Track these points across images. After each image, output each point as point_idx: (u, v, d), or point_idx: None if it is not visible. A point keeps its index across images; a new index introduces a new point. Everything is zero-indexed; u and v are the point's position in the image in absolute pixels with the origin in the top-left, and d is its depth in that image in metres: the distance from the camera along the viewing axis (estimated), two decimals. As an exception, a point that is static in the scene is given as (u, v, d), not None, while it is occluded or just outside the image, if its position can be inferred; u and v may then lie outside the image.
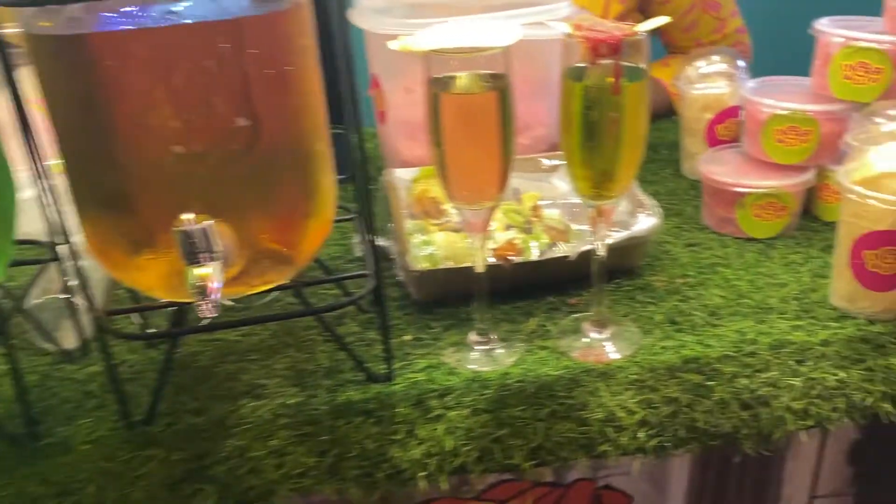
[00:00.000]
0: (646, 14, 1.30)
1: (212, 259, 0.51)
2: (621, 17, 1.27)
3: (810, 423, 0.63)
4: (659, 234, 0.88)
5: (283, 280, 0.62)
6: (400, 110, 0.92)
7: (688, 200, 0.96)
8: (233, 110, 0.52)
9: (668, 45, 1.35)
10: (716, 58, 0.97)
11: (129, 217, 0.54)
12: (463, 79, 0.59)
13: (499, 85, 0.59)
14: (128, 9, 0.50)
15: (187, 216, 0.49)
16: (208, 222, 0.50)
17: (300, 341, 0.73)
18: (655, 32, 1.35)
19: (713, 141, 0.96)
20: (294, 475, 0.59)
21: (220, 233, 0.52)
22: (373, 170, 1.09)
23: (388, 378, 0.66)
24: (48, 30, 0.51)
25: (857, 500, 0.71)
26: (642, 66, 0.60)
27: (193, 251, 0.50)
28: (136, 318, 0.75)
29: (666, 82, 1.22)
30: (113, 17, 0.50)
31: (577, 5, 1.24)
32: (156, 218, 0.53)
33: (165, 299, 0.61)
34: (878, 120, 0.76)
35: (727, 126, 0.95)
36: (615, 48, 0.57)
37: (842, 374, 0.64)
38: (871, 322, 0.70)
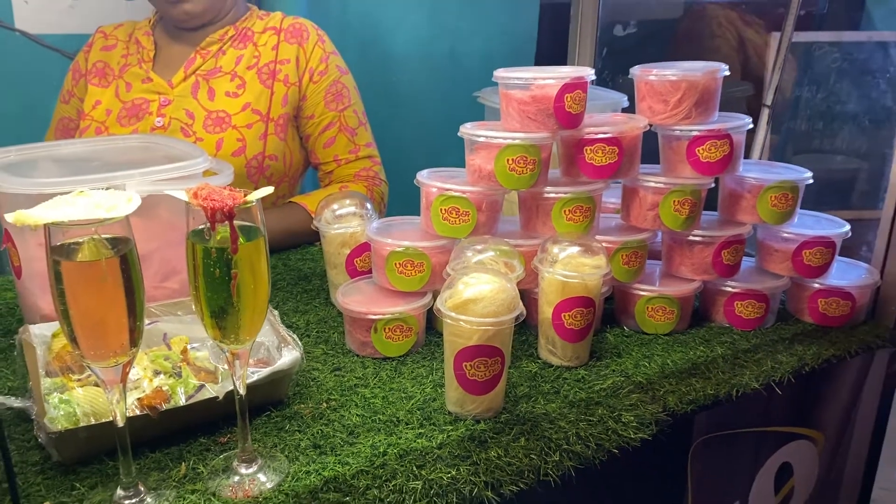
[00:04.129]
0: (298, 122, 1.45)
1: None
2: (283, 120, 1.40)
3: (431, 518, 0.73)
4: (308, 363, 0.96)
5: None
6: (37, 264, 0.91)
7: (335, 327, 1.06)
8: None
9: (315, 164, 1.50)
10: (348, 201, 1.11)
11: None
12: (83, 247, 0.62)
13: (121, 249, 0.63)
14: None
15: None
16: None
17: (-85, 530, 0.67)
18: (305, 152, 1.49)
19: (353, 272, 1.09)
20: None
21: None
22: (14, 324, 1.04)
23: (21, 553, 0.64)
24: None
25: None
26: (257, 225, 0.68)
27: None
28: None
29: (311, 210, 1.35)
30: None
31: (247, 101, 1.34)
32: None
33: None
34: (468, 253, 0.93)
35: (363, 259, 1.08)
36: (230, 214, 0.65)
37: (453, 472, 0.76)
38: (478, 421, 0.84)
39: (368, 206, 1.11)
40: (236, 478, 0.74)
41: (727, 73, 1.03)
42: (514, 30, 2.39)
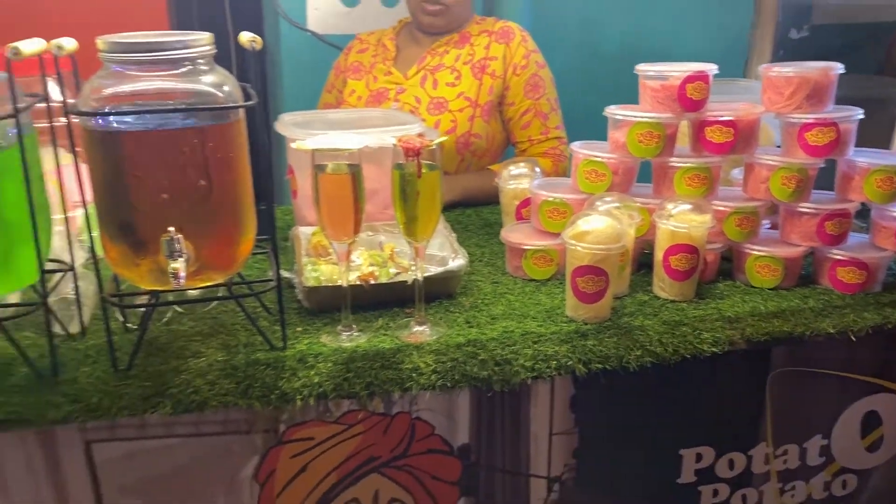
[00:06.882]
0: (501, 108, 1.81)
1: (181, 257, 0.92)
2: (489, 106, 1.77)
3: (534, 374, 1.05)
4: (474, 276, 1.32)
5: (221, 280, 1.03)
6: (306, 190, 1.36)
7: (501, 257, 1.41)
8: (197, 176, 0.94)
9: (513, 143, 1.85)
10: (522, 165, 1.44)
11: (134, 235, 0.95)
12: (331, 165, 1.03)
13: (353, 170, 1.03)
14: (142, 119, 0.93)
15: (171, 229, 0.91)
16: (180, 235, 0.92)
17: (227, 331, 1.13)
18: (505, 133, 1.81)
19: (519, 218, 1.42)
20: (220, 394, 0.98)
21: (185, 244, 0.93)
22: (287, 229, 1.52)
23: (283, 347, 1.07)
24: (95, 127, 0.93)
25: (579, 435, 1.13)
26: (436, 163, 1.05)
27: (173, 251, 0.91)
28: (118, 315, 1.13)
29: None
30: (132, 122, 0.93)
31: (461, 90, 1.73)
32: (149, 236, 0.94)
33: (146, 288, 1.01)
34: (597, 203, 1.23)
35: (528, 210, 1.41)
36: (417, 152, 1.02)
37: (556, 349, 1.08)
38: (585, 324, 1.14)
39: (537, 169, 1.44)
40: (413, 330, 1.11)
41: (842, 71, 1.20)
42: (726, 28, 2.53)
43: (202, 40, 0.94)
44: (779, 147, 1.32)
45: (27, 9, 1.90)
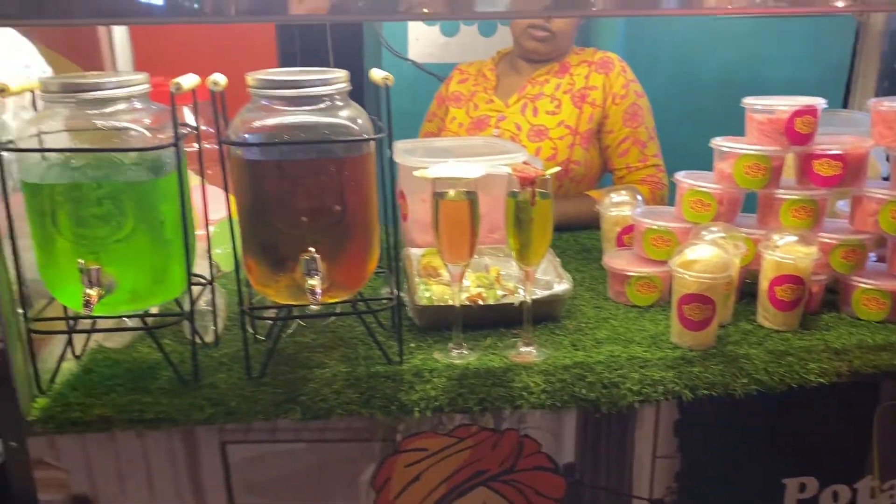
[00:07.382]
0: (600, 136, 1.85)
1: (318, 275, 1.00)
2: (588, 134, 1.82)
3: (641, 398, 1.08)
4: (576, 301, 1.36)
5: (347, 296, 1.11)
6: (417, 214, 1.43)
7: (602, 282, 1.44)
8: (333, 201, 1.03)
9: (610, 169, 1.89)
10: (623, 192, 1.48)
11: (275, 254, 1.04)
12: (451, 192, 1.10)
13: (470, 197, 1.10)
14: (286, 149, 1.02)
15: (311, 249, 0.99)
16: (318, 255, 1.00)
17: (348, 344, 1.20)
18: (603, 159, 1.86)
19: (621, 245, 1.46)
20: (345, 403, 1.05)
21: (321, 263, 1.01)
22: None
23: (399, 362, 1.13)
24: (241, 157, 1.03)
25: (682, 459, 1.15)
26: (548, 191, 1.10)
27: (310, 269, 0.99)
28: (248, 327, 1.22)
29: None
30: (278, 151, 1.02)
31: (562, 118, 1.78)
32: (288, 254, 1.02)
33: (282, 302, 1.09)
34: (703, 232, 1.25)
35: (630, 236, 1.45)
36: (532, 182, 1.08)
37: (663, 374, 1.11)
38: (691, 350, 1.17)
39: (639, 197, 1.47)
40: (519, 350, 1.17)
41: (956, 105, 1.20)
42: (825, 57, 2.50)
43: (340, 78, 1.03)
44: (886, 179, 1.32)
45: (155, 47, 2.06)
